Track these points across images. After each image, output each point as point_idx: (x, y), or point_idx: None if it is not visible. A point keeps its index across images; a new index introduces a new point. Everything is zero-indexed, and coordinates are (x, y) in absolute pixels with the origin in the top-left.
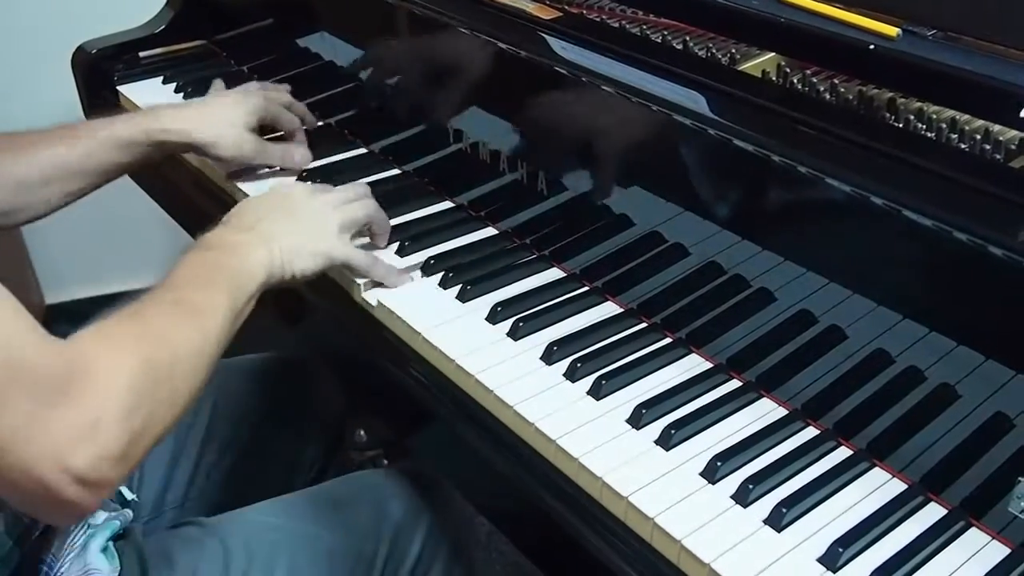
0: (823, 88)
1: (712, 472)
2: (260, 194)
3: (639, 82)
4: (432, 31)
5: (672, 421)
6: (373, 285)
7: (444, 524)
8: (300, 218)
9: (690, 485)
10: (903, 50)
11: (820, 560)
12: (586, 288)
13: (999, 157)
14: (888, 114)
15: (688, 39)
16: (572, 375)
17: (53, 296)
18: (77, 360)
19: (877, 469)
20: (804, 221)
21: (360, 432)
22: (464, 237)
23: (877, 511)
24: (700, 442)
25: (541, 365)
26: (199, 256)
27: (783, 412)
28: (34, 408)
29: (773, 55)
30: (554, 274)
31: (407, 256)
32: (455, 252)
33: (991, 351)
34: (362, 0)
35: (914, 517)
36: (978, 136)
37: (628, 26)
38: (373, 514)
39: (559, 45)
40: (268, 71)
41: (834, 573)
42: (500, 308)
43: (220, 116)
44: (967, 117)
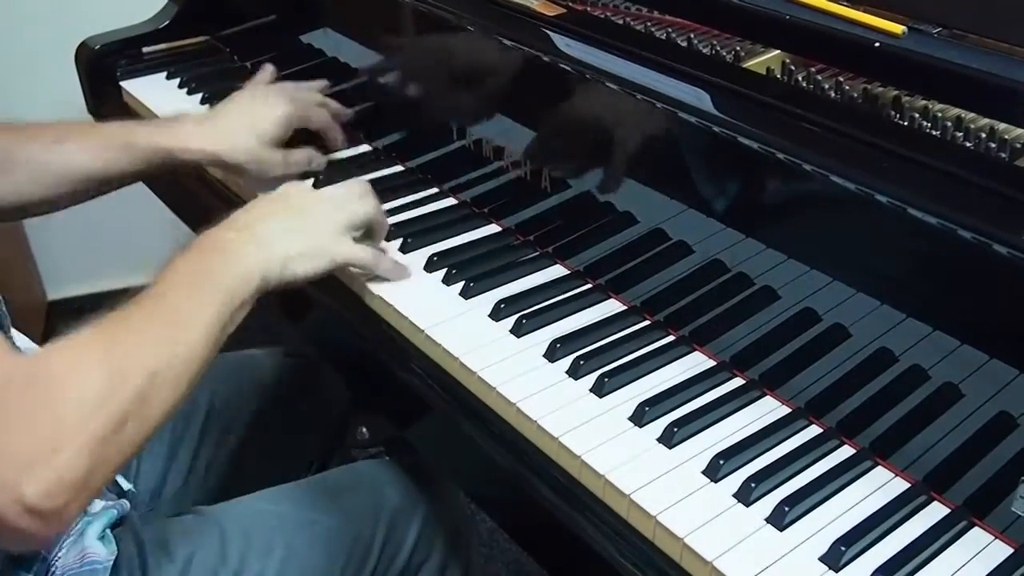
0: (828, 86)
1: (715, 470)
2: (262, 195)
3: (643, 79)
4: (435, 27)
5: (675, 419)
6: (376, 280)
7: (441, 514)
8: (301, 218)
9: (693, 483)
10: (908, 48)
11: (822, 559)
12: (589, 285)
13: (1004, 155)
14: (893, 112)
15: (693, 36)
16: (575, 372)
17: (55, 292)
18: (38, 375)
19: (880, 468)
20: (808, 219)
21: (362, 429)
22: (467, 234)
23: (880, 510)
24: (703, 440)
25: (544, 362)
26: (188, 258)
27: (786, 410)
28: None
29: (778, 52)
30: (557, 271)
31: (410, 253)
32: (458, 249)
33: (995, 350)
34: None
35: (917, 516)
36: (983, 134)
37: (632, 23)
38: (370, 501)
39: (563, 42)
40: None
41: (836, 572)
42: (503, 305)
43: (243, 133)
44: (972, 115)
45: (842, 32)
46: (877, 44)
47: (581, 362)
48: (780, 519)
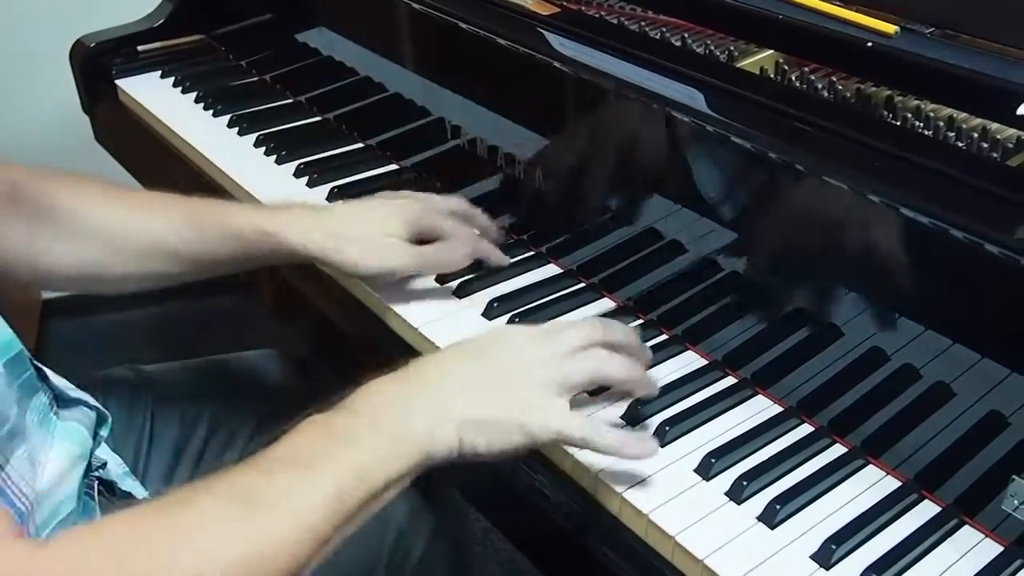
0: (821, 85)
1: (706, 469)
2: (459, 342)
3: (637, 78)
4: (429, 26)
5: (667, 417)
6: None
7: (445, 524)
8: (498, 373)
9: (684, 481)
10: (901, 48)
11: (813, 557)
12: (582, 284)
13: (996, 155)
14: (886, 112)
15: (686, 36)
16: None
17: (50, 291)
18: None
19: (871, 466)
20: (800, 219)
21: None
22: None
23: (871, 508)
24: (695, 439)
25: None
26: (322, 422)
27: (778, 409)
28: None
29: (771, 52)
30: (551, 270)
31: None
32: None
33: (986, 349)
34: None
35: (908, 515)
36: (975, 134)
37: (627, 22)
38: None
39: (557, 41)
40: (266, 66)
41: (827, 570)
42: (496, 304)
43: (364, 230)
44: (965, 115)
45: (835, 32)
46: (870, 44)
47: None
48: (771, 517)
